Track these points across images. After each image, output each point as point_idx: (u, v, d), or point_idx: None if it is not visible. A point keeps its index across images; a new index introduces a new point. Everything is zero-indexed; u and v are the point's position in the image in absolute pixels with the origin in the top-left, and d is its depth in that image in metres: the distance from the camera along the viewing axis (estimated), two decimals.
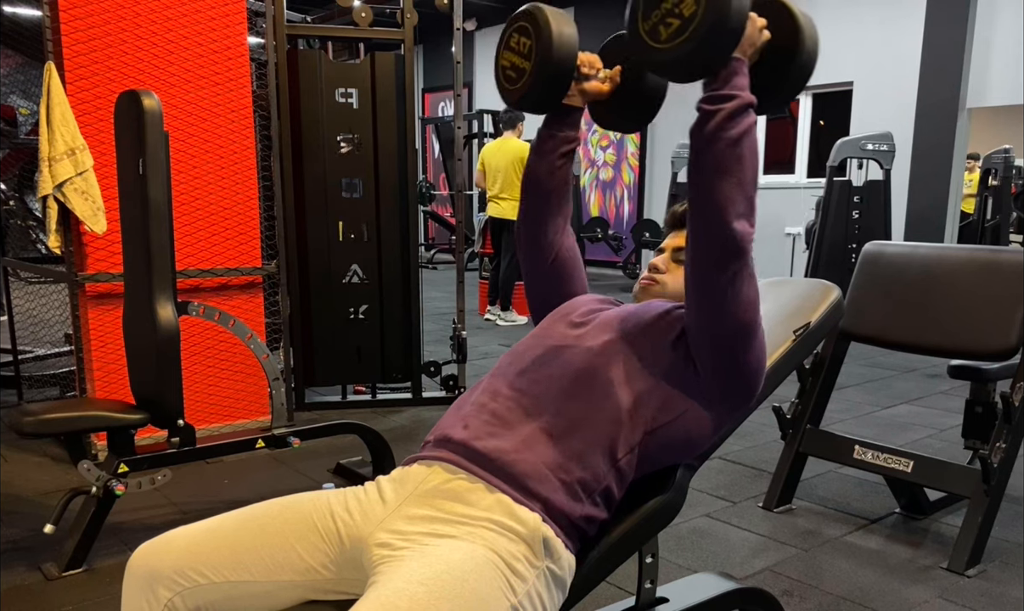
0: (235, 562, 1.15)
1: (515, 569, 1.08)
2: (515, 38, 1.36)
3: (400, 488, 1.19)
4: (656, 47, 1.14)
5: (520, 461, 1.16)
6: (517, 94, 1.37)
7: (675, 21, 1.11)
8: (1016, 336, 2.38)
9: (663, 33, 1.13)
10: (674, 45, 1.12)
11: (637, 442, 1.22)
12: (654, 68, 1.23)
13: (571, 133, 1.44)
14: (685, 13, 1.10)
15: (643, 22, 1.16)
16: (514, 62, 1.36)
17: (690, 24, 1.09)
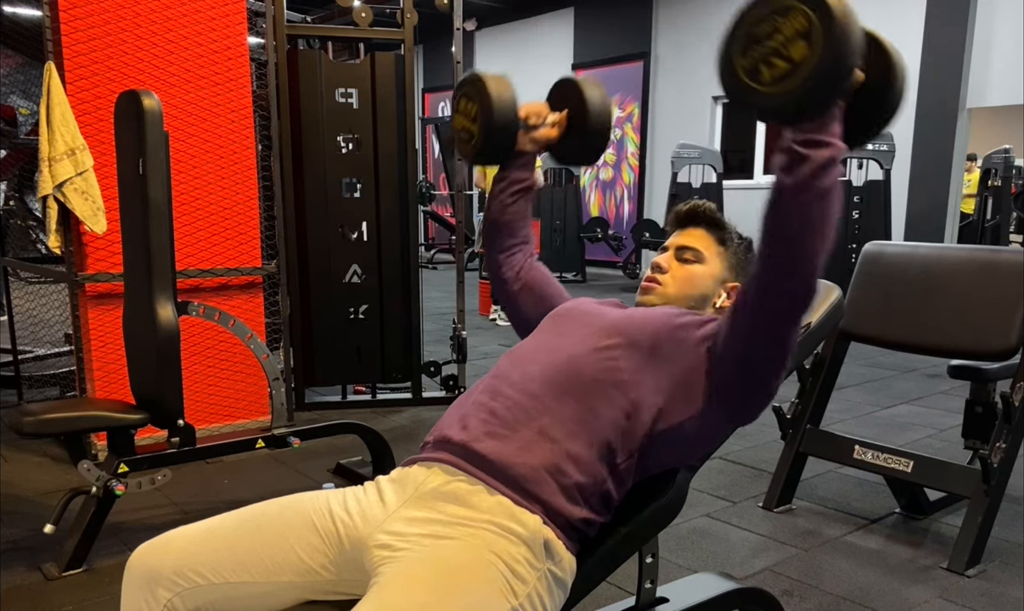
0: (234, 563, 1.15)
1: (516, 571, 1.07)
2: (463, 103, 1.51)
3: (400, 489, 1.19)
4: (756, 88, 1.06)
5: (519, 464, 1.16)
6: (471, 152, 1.51)
7: (781, 63, 1.03)
8: (1016, 336, 2.38)
9: (766, 74, 1.05)
10: (779, 89, 1.04)
11: (636, 448, 1.21)
12: (750, 109, 1.12)
13: (521, 174, 1.56)
14: (795, 56, 1.02)
15: (740, 58, 1.08)
16: (465, 125, 1.51)
17: (801, 69, 1.01)
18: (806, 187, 1.06)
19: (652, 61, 10.54)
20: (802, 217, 1.07)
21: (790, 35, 1.02)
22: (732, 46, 1.09)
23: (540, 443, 1.18)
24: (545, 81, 1.50)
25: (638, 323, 1.32)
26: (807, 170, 1.05)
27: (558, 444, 1.18)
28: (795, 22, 1.02)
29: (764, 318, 1.16)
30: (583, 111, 1.48)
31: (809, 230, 1.07)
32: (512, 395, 1.24)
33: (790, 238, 1.09)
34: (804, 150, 1.05)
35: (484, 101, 1.44)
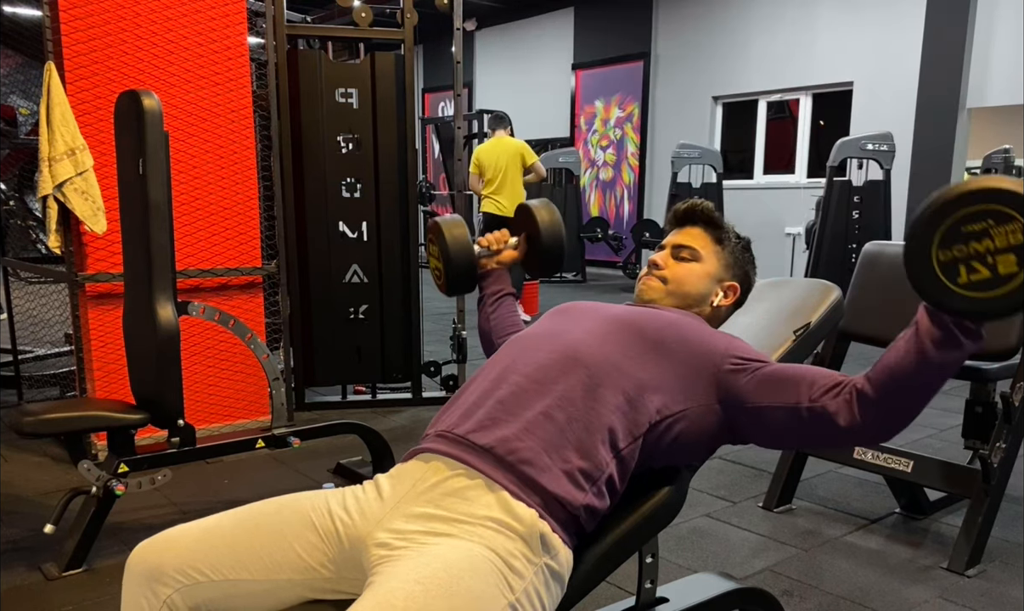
0: (234, 561, 1.15)
1: (513, 566, 1.08)
2: (432, 247, 1.72)
3: (398, 485, 1.19)
4: (948, 288, 1.02)
5: (522, 448, 1.16)
6: (443, 288, 1.71)
7: (984, 271, 0.99)
8: (1016, 336, 2.38)
9: (964, 277, 1.01)
10: (973, 296, 1.01)
11: (639, 433, 1.22)
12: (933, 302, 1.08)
13: (495, 288, 1.76)
14: (1000, 269, 0.98)
15: (938, 250, 1.03)
16: (436, 264, 1.73)
17: (1003, 284, 0.98)
18: (948, 368, 1.10)
19: (652, 61, 10.54)
20: (927, 390, 1.13)
21: (1001, 246, 0.98)
22: (933, 234, 1.03)
23: (543, 425, 1.18)
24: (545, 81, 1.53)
25: (646, 317, 1.34)
26: (958, 356, 1.08)
27: (562, 428, 1.18)
28: (1011, 235, 0.97)
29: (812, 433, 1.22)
30: (536, 233, 1.69)
31: (922, 402, 1.14)
32: (516, 381, 1.25)
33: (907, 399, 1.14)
34: (963, 338, 1.06)
35: (442, 246, 1.65)
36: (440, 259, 1.69)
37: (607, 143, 11.22)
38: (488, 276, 1.76)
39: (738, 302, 1.53)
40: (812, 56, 8.83)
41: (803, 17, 8.85)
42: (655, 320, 1.33)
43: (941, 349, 1.07)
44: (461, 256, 1.66)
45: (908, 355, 1.10)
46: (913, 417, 1.15)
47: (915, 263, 1.06)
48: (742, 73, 9.56)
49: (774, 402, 1.22)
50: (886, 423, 1.16)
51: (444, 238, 1.65)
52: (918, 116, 8.00)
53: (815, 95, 9.14)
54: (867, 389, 1.15)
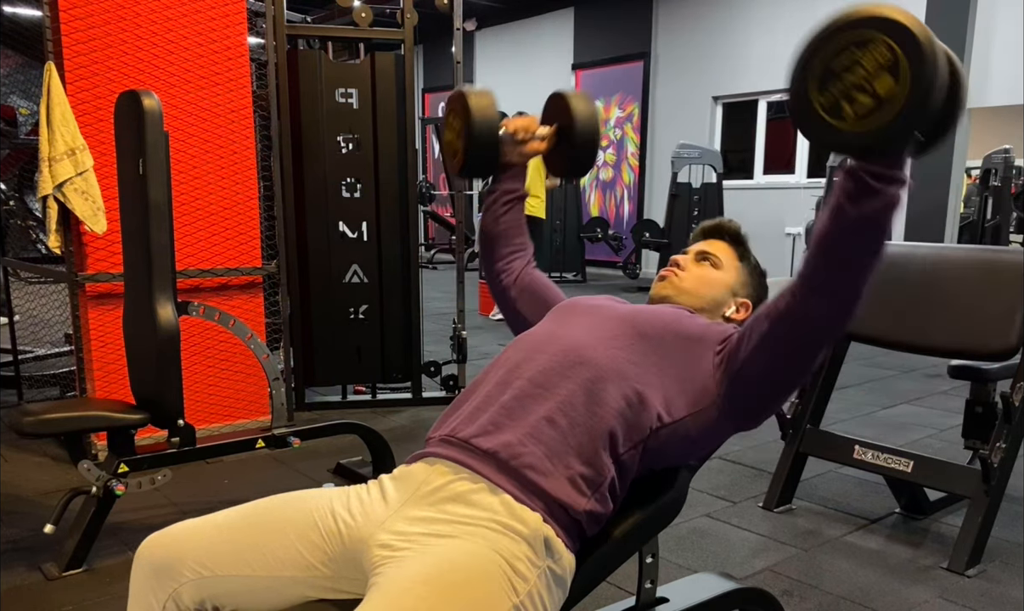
0: (237, 557, 1.16)
1: (517, 569, 1.08)
2: (449, 118, 1.52)
3: (402, 488, 1.19)
4: (835, 126, 1.01)
5: (526, 453, 1.16)
6: (457, 168, 1.53)
7: (865, 99, 0.97)
8: (1016, 336, 2.38)
9: (847, 111, 0.99)
10: (865, 127, 0.98)
11: (640, 438, 1.22)
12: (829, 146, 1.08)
13: (511, 186, 1.59)
14: (880, 91, 0.96)
15: (818, 93, 1.01)
16: (451, 140, 1.53)
17: (889, 106, 0.96)
18: (871, 221, 1.04)
19: (652, 61, 10.54)
20: (861, 248, 1.07)
21: (873, 69, 0.96)
22: (807, 82, 1.02)
23: (546, 430, 1.18)
24: (545, 81, 1.51)
25: (645, 317, 1.33)
26: (877, 205, 1.03)
27: (563, 431, 1.18)
28: (878, 55, 0.96)
29: (795, 340, 1.17)
30: (570, 125, 1.50)
31: (865, 261, 1.07)
32: (519, 385, 1.25)
33: (844, 266, 1.08)
34: (877, 184, 1.02)
35: (466, 117, 1.45)
36: (460, 134, 1.48)
37: (607, 143, 11.22)
38: (506, 169, 1.57)
39: None
40: None
41: (803, 17, 8.83)
42: (655, 319, 1.33)
43: (856, 202, 1.03)
44: (486, 132, 1.46)
45: (830, 218, 1.07)
46: (860, 279, 1.08)
47: (802, 119, 1.04)
48: (742, 73, 9.56)
49: (754, 341, 1.20)
50: (832, 297, 1.10)
51: (470, 108, 1.44)
52: None
53: None
54: (803, 270, 1.13)
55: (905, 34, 0.94)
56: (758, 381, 1.23)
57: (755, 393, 1.25)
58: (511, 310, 1.62)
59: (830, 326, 1.14)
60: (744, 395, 1.24)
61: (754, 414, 1.28)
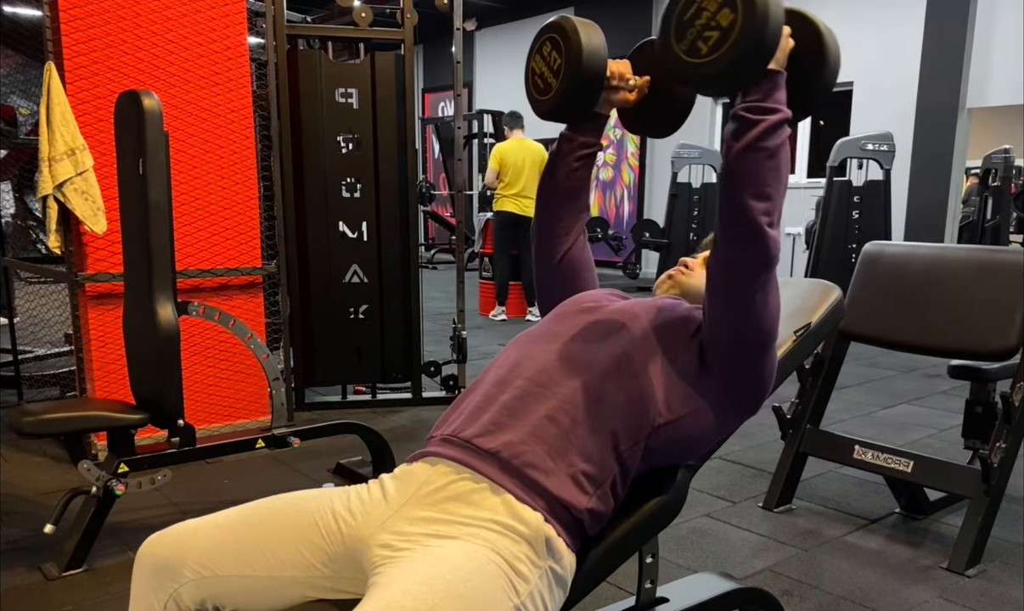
0: (238, 557, 1.16)
1: (518, 570, 1.08)
2: (547, 48, 1.37)
3: (403, 488, 1.19)
4: (697, 63, 1.13)
5: (527, 452, 1.16)
6: (546, 106, 1.39)
7: (713, 34, 1.11)
8: (1016, 336, 2.38)
9: (703, 48, 1.12)
10: (717, 57, 1.11)
11: (642, 436, 1.22)
12: (698, 84, 1.19)
13: (592, 139, 1.46)
14: (723, 23, 1.09)
15: (678, 44, 1.15)
16: (544, 73, 1.38)
17: (731, 32, 1.09)
18: (755, 148, 1.14)
19: None
20: (754, 174, 1.15)
21: (714, 8, 1.10)
22: (669, 38, 1.17)
23: (547, 429, 1.18)
24: None
25: (640, 313, 1.33)
26: (755, 133, 1.14)
27: (565, 430, 1.18)
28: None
29: (732, 282, 1.20)
30: (668, 80, 1.38)
31: (759, 183, 1.15)
32: (520, 384, 1.25)
33: (741, 194, 1.15)
34: (752, 115, 1.14)
35: (571, 54, 1.32)
36: (556, 68, 1.35)
37: (607, 143, 11.22)
38: (590, 119, 1.44)
39: None
40: None
41: None
42: (650, 313, 1.33)
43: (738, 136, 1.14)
44: (593, 67, 1.33)
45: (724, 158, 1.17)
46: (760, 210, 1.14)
47: (673, 68, 1.18)
48: None
49: (706, 306, 1.26)
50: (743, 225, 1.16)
51: (579, 36, 1.31)
52: (918, 116, 8.00)
53: None
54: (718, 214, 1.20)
55: None
56: (726, 341, 1.25)
57: (727, 355, 1.25)
58: (547, 274, 1.54)
59: (754, 259, 1.17)
60: (721, 362, 1.25)
61: (740, 387, 1.28)
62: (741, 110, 1.15)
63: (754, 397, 1.30)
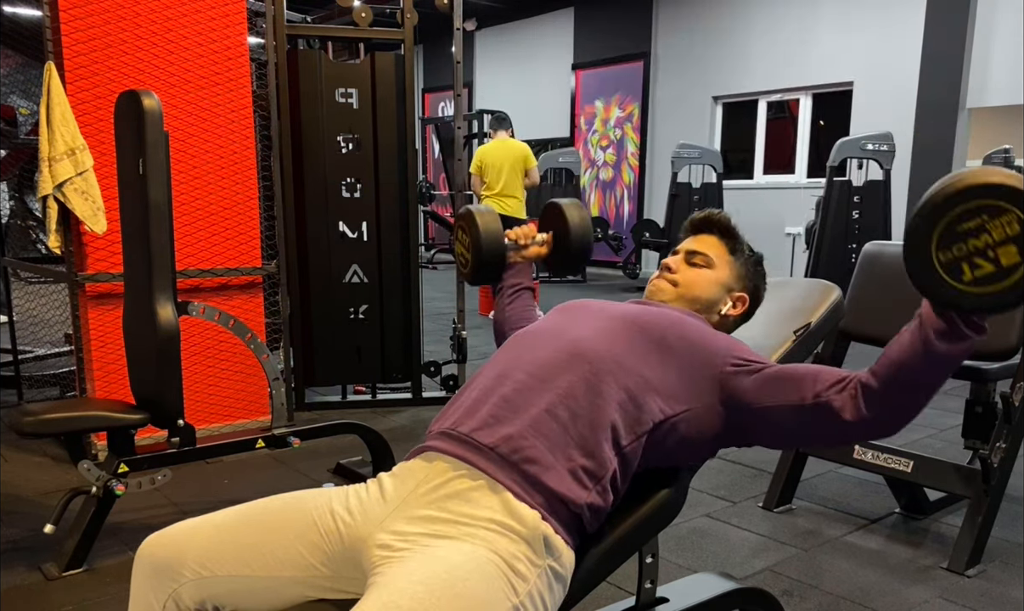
0: (237, 557, 1.16)
1: (516, 569, 1.08)
2: (459, 234, 1.72)
3: (401, 486, 1.19)
4: (954, 287, 1.03)
5: (526, 446, 1.16)
6: (468, 276, 1.73)
7: (987, 265, 1.00)
8: (1016, 336, 2.38)
9: (968, 275, 1.01)
10: (980, 291, 1.01)
11: (642, 432, 1.22)
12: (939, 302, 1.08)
13: (514, 280, 1.76)
14: (1003, 262, 0.98)
15: (938, 251, 1.04)
16: (462, 252, 1.74)
17: (1008, 275, 0.98)
18: (952, 361, 1.10)
19: (652, 61, 10.53)
20: (933, 382, 1.13)
21: (999, 238, 0.98)
22: (931, 235, 1.04)
23: (547, 422, 1.18)
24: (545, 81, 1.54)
25: (648, 315, 1.34)
26: (962, 348, 1.08)
27: (564, 424, 1.18)
28: (1008, 227, 0.98)
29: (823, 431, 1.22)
30: (566, 232, 1.68)
31: (926, 396, 1.14)
32: (520, 378, 1.25)
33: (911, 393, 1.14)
34: (968, 331, 1.07)
35: (474, 236, 1.65)
36: (469, 248, 1.69)
37: (607, 143, 11.22)
38: (510, 268, 1.76)
39: (746, 314, 1.53)
40: (812, 56, 8.83)
41: (803, 17, 8.84)
42: (658, 318, 1.33)
43: (946, 342, 1.07)
44: (493, 248, 1.67)
45: (914, 349, 1.11)
46: (918, 410, 1.15)
47: (918, 270, 1.07)
48: (742, 73, 9.55)
49: (779, 401, 1.22)
50: (891, 417, 1.17)
51: (478, 228, 1.65)
52: (918, 116, 7.99)
53: (815, 95, 9.14)
54: (872, 383, 1.16)
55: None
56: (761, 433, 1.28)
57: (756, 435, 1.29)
58: None
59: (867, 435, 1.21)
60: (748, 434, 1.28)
61: (752, 443, 1.32)
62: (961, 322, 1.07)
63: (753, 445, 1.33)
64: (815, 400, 1.19)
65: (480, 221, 1.66)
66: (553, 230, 1.73)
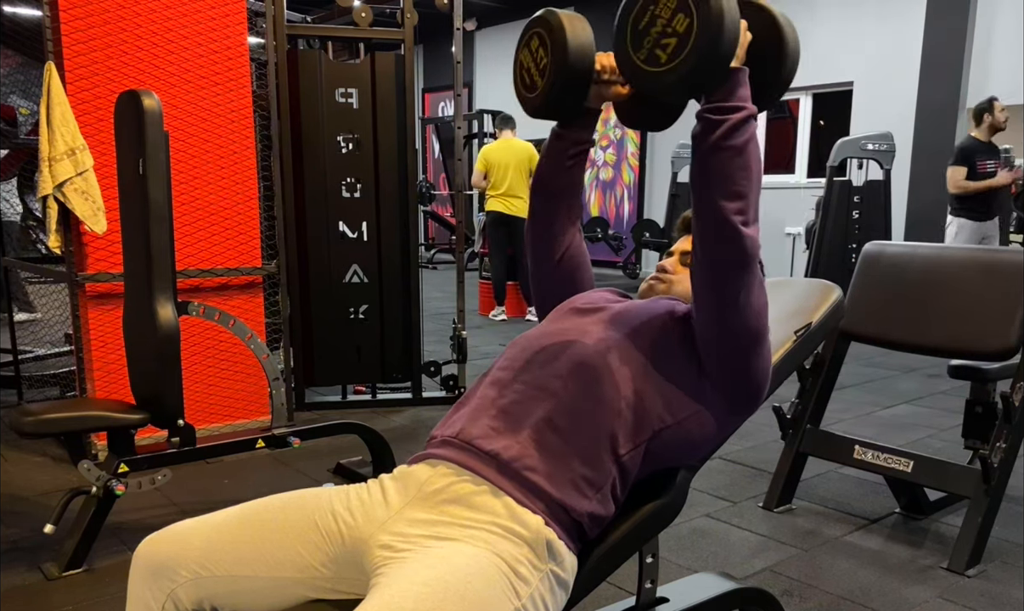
0: (236, 557, 1.16)
1: (519, 572, 1.07)
2: (534, 43, 1.35)
3: (404, 489, 1.19)
4: (657, 72, 1.12)
5: (527, 456, 1.16)
6: (533, 104, 1.36)
7: (671, 41, 1.10)
8: (1016, 336, 2.38)
9: (662, 56, 1.11)
10: (677, 63, 1.09)
11: (641, 439, 1.21)
12: (660, 92, 1.17)
13: (583, 135, 1.43)
14: (679, 29, 1.08)
15: (636, 54, 1.15)
16: (531, 69, 1.35)
17: (688, 37, 1.08)
18: (722, 147, 1.14)
19: None
20: (723, 172, 1.14)
21: (668, 15, 1.10)
22: (626, 48, 1.16)
23: (546, 432, 1.18)
24: None
25: (636, 313, 1.33)
26: (721, 132, 1.13)
27: (565, 436, 1.18)
28: (668, 2, 1.10)
29: (713, 283, 1.20)
30: None
31: (729, 182, 1.14)
32: (519, 387, 1.24)
33: (713, 193, 1.15)
34: (716, 116, 1.14)
35: (558, 54, 1.29)
36: (544, 67, 1.31)
37: (607, 143, 11.21)
38: (580, 115, 1.41)
39: None
40: (812, 56, 8.81)
41: (803, 17, 8.84)
42: (646, 314, 1.32)
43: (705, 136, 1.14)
44: (580, 63, 1.29)
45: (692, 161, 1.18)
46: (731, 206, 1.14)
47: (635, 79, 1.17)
48: None
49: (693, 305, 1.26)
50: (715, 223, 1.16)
51: (565, 32, 1.28)
52: (918, 116, 7.99)
53: (815, 95, 9.14)
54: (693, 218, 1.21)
55: None
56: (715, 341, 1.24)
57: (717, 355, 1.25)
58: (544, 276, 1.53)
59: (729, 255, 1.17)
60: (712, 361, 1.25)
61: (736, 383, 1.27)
62: (705, 111, 1.15)
63: (750, 396, 1.30)
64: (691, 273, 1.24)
65: (570, 28, 1.28)
66: None
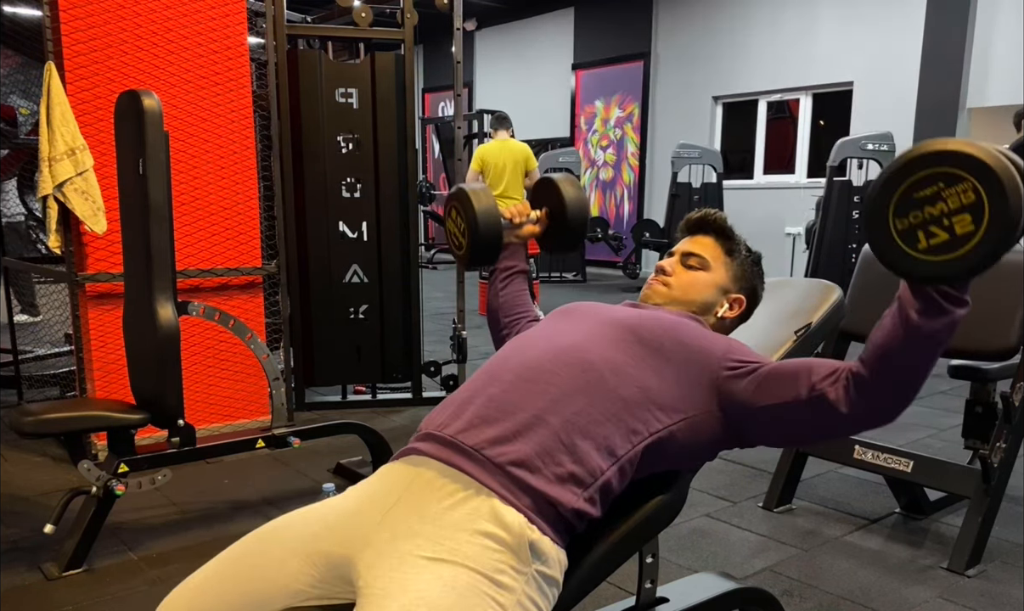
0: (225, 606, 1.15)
1: (500, 582, 1.06)
2: (454, 213, 1.60)
3: (386, 496, 1.17)
4: (910, 255, 1.02)
5: (512, 450, 1.14)
6: (464, 259, 1.62)
7: (942, 234, 0.99)
8: (1016, 336, 2.38)
9: (922, 241, 1.00)
10: (935, 259, 1.00)
11: (638, 441, 1.20)
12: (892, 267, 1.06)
13: (510, 263, 1.69)
14: (957, 230, 0.97)
15: (896, 219, 1.03)
16: (456, 234, 1.62)
17: (962, 244, 0.97)
18: (935, 338, 1.07)
19: (652, 61, 10.54)
20: (922, 361, 1.10)
21: (955, 207, 0.98)
22: (888, 202, 1.03)
23: (535, 427, 1.16)
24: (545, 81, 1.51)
25: (645, 321, 1.32)
26: (943, 323, 1.05)
27: (553, 430, 1.16)
28: (963, 195, 0.97)
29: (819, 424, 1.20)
30: (562, 208, 1.62)
31: (918, 376, 1.11)
32: (510, 381, 1.23)
33: (903, 373, 1.11)
34: (947, 305, 1.05)
35: (469, 217, 1.55)
36: (464, 231, 1.58)
37: (607, 143, 11.22)
38: (504, 250, 1.66)
39: (743, 316, 1.51)
40: (812, 56, 8.83)
41: (803, 17, 8.84)
42: (654, 323, 1.31)
43: (926, 317, 1.05)
44: (490, 228, 1.55)
45: (895, 329, 1.09)
46: (912, 392, 1.12)
47: (875, 235, 1.06)
48: (742, 73, 9.56)
49: (776, 400, 1.21)
50: (886, 404, 1.14)
51: (473, 208, 1.53)
52: (918, 116, 8.00)
53: (815, 95, 9.14)
54: (862, 372, 1.14)
55: (994, 182, 0.95)
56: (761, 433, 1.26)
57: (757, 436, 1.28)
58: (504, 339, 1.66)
59: (865, 424, 1.17)
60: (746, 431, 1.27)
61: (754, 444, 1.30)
62: (937, 295, 1.04)
63: (755, 445, 1.32)
64: (810, 395, 1.18)
65: (475, 200, 1.54)
66: (547, 206, 1.65)
